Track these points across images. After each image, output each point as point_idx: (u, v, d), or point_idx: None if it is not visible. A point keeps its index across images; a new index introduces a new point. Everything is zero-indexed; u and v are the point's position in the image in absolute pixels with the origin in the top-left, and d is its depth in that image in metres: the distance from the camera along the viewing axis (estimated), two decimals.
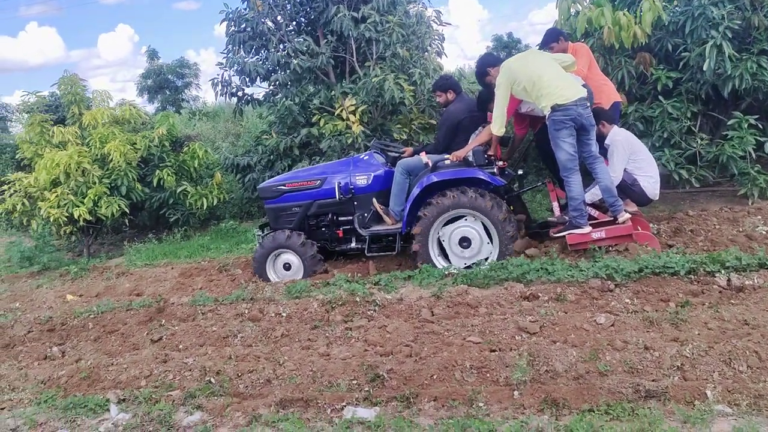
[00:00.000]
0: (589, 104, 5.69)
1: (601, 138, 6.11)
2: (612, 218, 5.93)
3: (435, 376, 3.89)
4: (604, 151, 6.17)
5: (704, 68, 6.92)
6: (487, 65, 6.36)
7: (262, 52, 9.23)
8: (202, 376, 4.23)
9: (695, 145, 7.48)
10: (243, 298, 5.77)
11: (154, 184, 9.80)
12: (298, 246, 6.74)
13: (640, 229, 6.01)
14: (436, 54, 9.75)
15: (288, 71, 8.80)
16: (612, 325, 4.37)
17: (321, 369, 4.12)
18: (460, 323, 4.67)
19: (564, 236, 5.89)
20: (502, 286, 5.33)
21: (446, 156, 6.31)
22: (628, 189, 6.08)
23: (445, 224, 6.18)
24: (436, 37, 9.60)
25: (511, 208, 6.51)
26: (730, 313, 4.32)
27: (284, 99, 8.95)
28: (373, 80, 8.14)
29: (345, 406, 3.66)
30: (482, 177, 6.00)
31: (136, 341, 5.20)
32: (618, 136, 6.12)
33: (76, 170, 9.18)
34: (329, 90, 8.92)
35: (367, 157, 7.02)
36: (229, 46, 9.21)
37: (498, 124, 5.91)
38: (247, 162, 9.65)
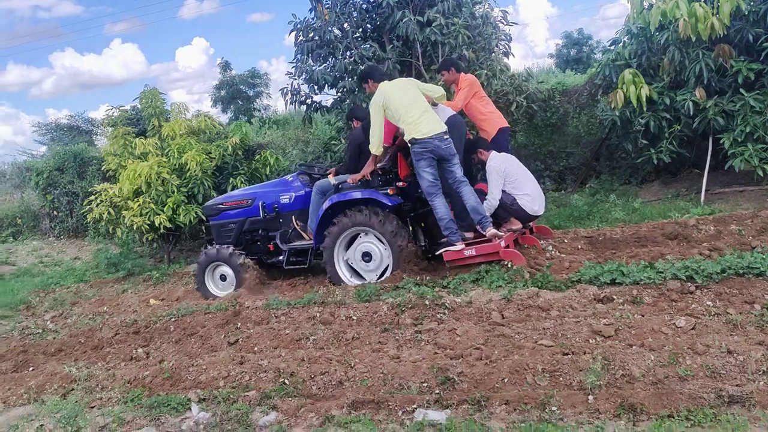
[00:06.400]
0: (447, 137, 6.01)
1: (483, 164, 6.65)
2: (484, 236, 6.14)
3: (506, 380, 3.85)
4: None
5: None
6: (369, 77, 6.69)
7: (330, 59, 9.40)
8: (277, 378, 4.34)
9: None
10: (315, 302, 5.89)
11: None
12: (227, 257, 7.34)
13: (527, 245, 6.63)
14: (503, 54, 9.63)
15: (355, 78, 8.92)
16: (693, 329, 4.19)
17: (392, 371, 4.15)
18: (532, 326, 4.60)
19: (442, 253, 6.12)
20: (574, 288, 5.22)
21: (348, 177, 6.72)
22: (509, 208, 6.48)
23: (352, 239, 6.67)
24: (502, 37, 9.51)
25: (422, 225, 7.00)
26: None
27: (352, 105, 9.08)
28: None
29: (416, 408, 3.67)
30: (376, 198, 6.40)
31: (214, 343, 5.39)
32: (492, 161, 6.56)
33: (157, 180, 9.62)
34: None
35: (291, 178, 7.77)
36: (298, 56, 9.43)
37: (375, 143, 6.23)
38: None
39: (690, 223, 6.89)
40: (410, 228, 6.72)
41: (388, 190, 6.48)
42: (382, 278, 6.46)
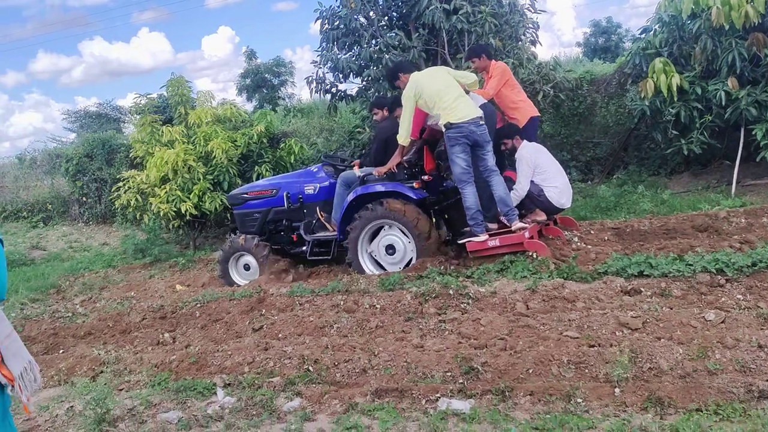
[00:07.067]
0: (483, 123, 5.98)
1: (512, 151, 6.60)
2: (509, 227, 6.11)
3: (531, 371, 3.82)
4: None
5: None
6: (399, 70, 6.68)
7: (355, 48, 9.36)
8: (301, 364, 4.37)
9: None
10: (338, 290, 5.90)
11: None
12: (253, 248, 7.41)
13: (552, 236, 6.56)
14: (530, 43, 9.50)
15: (380, 66, 8.88)
16: (722, 322, 4.13)
17: (415, 360, 4.15)
18: (557, 317, 4.57)
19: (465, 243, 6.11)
20: (600, 280, 5.17)
21: (374, 170, 6.69)
22: (536, 199, 6.40)
23: (376, 232, 6.67)
24: (530, 25, 9.38)
25: (446, 216, 6.97)
26: None
27: (377, 94, 9.05)
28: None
29: (440, 397, 3.67)
30: (401, 191, 6.41)
31: (239, 329, 5.45)
32: (523, 151, 6.47)
33: (183, 167, 9.70)
34: None
35: (316, 169, 7.72)
36: (323, 44, 9.41)
37: (404, 134, 6.20)
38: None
39: (720, 216, 6.77)
40: (434, 221, 6.70)
41: (413, 183, 6.46)
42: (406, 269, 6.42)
